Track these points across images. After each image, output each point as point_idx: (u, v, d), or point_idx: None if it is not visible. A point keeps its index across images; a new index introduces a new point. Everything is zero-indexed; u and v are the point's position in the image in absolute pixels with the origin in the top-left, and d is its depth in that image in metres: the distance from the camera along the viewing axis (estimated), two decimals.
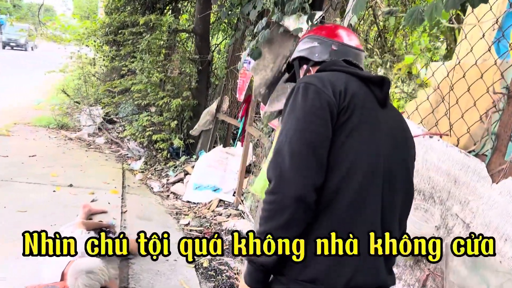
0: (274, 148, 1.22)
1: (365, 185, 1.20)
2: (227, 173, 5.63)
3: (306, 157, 1.15)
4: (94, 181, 5.50)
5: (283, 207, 1.13)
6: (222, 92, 6.69)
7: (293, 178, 1.13)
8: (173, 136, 7.08)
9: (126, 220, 4.37)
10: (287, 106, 1.27)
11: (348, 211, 1.19)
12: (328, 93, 1.22)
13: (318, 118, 1.19)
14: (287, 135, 1.19)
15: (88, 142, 8.21)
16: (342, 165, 1.19)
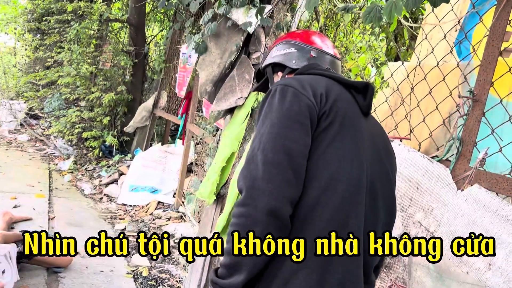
0: (246, 156, 1.09)
1: (347, 200, 1.07)
2: (166, 173, 5.34)
3: (281, 166, 1.02)
4: (16, 184, 4.96)
5: (254, 221, 0.99)
6: (160, 86, 6.35)
7: (266, 189, 1.00)
8: (105, 133, 6.62)
9: (55, 228, 3.96)
10: (262, 109, 1.15)
11: (327, 228, 1.05)
12: (308, 95, 1.11)
13: (296, 124, 1.07)
14: (260, 141, 1.07)
15: (9, 140, 7.46)
16: (322, 176, 1.07)
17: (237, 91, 2.62)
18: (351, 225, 1.07)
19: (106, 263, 3.50)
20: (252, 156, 1.06)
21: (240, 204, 1.02)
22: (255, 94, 2.62)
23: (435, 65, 1.72)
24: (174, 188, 5.16)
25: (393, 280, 1.68)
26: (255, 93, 2.62)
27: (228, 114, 2.87)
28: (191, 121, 4.76)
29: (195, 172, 5.15)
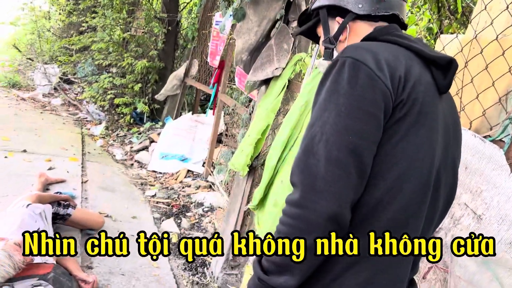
0: (303, 142, 0.94)
1: (413, 201, 0.96)
2: (195, 142, 5.36)
3: (347, 167, 0.89)
4: (50, 147, 5.08)
5: (312, 226, 0.89)
6: (191, 55, 6.30)
7: (328, 192, 0.88)
8: (136, 100, 6.67)
9: (87, 191, 4.05)
10: (325, 84, 0.96)
11: (385, 229, 0.96)
12: (384, 80, 0.91)
13: (368, 116, 0.90)
14: (323, 131, 0.91)
15: (43, 103, 7.63)
16: (388, 175, 0.94)
17: (275, 61, 2.54)
18: (410, 226, 0.98)
19: (137, 228, 3.58)
20: (312, 147, 0.91)
21: (296, 205, 0.91)
22: (293, 65, 2.54)
23: (493, 39, 1.60)
24: (203, 157, 5.19)
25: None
26: (293, 63, 2.54)
27: (263, 85, 2.81)
28: (222, 91, 4.72)
29: (224, 143, 5.15)
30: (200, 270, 3.16)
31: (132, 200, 4.16)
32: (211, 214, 4.10)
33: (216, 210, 4.17)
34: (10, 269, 2.03)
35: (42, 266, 2.30)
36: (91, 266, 2.81)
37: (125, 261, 2.99)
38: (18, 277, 2.13)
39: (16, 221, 2.48)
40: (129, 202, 4.08)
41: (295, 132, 2.22)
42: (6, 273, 2.02)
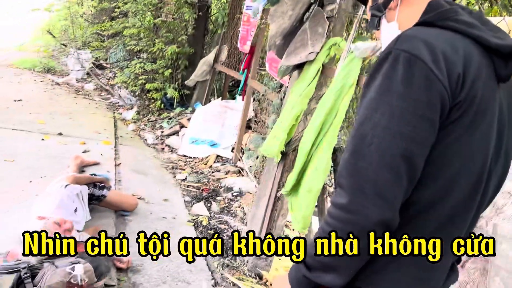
0: (351, 143, 0.91)
1: (462, 200, 0.94)
2: (225, 128, 5.39)
3: (399, 174, 0.86)
4: (84, 130, 5.22)
5: (361, 231, 0.88)
6: (221, 40, 6.30)
7: (380, 197, 0.86)
8: (167, 85, 6.75)
9: (121, 174, 4.15)
10: (375, 78, 0.90)
11: (432, 230, 0.95)
12: (442, 79, 0.85)
13: (423, 121, 0.85)
14: (375, 133, 0.87)
15: (77, 88, 7.83)
16: (440, 175, 0.91)
17: (309, 45, 2.51)
18: (456, 223, 0.97)
19: (169, 211, 3.65)
20: (362, 149, 0.88)
21: (345, 209, 0.88)
22: (327, 49, 2.50)
23: None
24: (232, 143, 5.22)
25: None
26: (327, 48, 2.50)
27: (296, 70, 2.78)
28: (252, 76, 4.71)
29: (253, 129, 5.15)
30: (230, 253, 3.20)
31: (164, 184, 4.24)
32: (240, 198, 4.13)
33: (245, 195, 4.20)
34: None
35: (80, 245, 2.39)
36: None
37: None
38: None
39: (55, 200, 2.57)
40: (161, 185, 4.16)
41: (329, 118, 2.20)
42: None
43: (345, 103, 2.14)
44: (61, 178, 2.97)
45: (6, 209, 2.93)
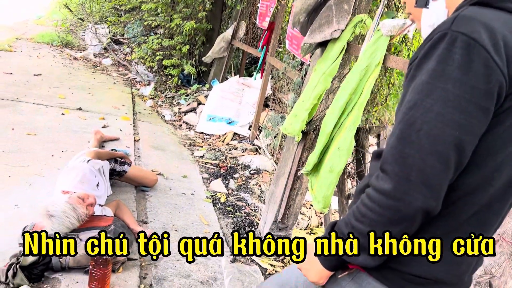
0: (398, 127, 0.88)
1: (502, 191, 0.93)
2: (242, 105, 5.37)
3: (448, 160, 0.84)
4: (103, 105, 5.25)
5: (402, 218, 0.88)
6: (239, 17, 6.21)
7: (426, 185, 0.84)
8: (184, 62, 6.72)
9: (140, 149, 4.19)
10: (428, 60, 0.86)
11: (469, 220, 0.94)
12: (502, 67, 0.81)
13: (479, 110, 0.82)
14: (425, 119, 0.84)
15: (94, 63, 7.84)
16: (485, 165, 0.89)
17: (334, 23, 2.45)
18: (493, 212, 0.96)
19: (188, 187, 3.69)
20: (410, 135, 0.85)
21: (387, 194, 0.87)
22: (352, 27, 2.44)
23: None
24: (249, 121, 5.21)
25: (500, 235, 1.58)
26: (352, 25, 2.44)
27: (319, 48, 2.73)
28: (271, 54, 4.65)
29: (271, 107, 5.13)
30: (248, 230, 3.24)
31: (182, 160, 4.27)
32: (257, 176, 4.15)
33: (263, 173, 4.21)
34: (75, 221, 2.16)
35: (103, 219, 2.43)
36: (146, 221, 2.94)
37: (178, 218, 3.11)
38: (82, 228, 2.26)
39: (78, 175, 2.61)
40: (179, 162, 4.19)
41: (354, 97, 2.16)
42: (71, 224, 2.15)
43: (370, 82, 2.10)
44: (82, 153, 3.01)
45: (29, 183, 2.99)
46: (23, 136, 3.76)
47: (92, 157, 2.92)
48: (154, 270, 2.44)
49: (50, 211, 2.11)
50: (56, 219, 2.10)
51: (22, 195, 2.83)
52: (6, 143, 3.54)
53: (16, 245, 2.25)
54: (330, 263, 1.03)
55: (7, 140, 3.62)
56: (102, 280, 2.10)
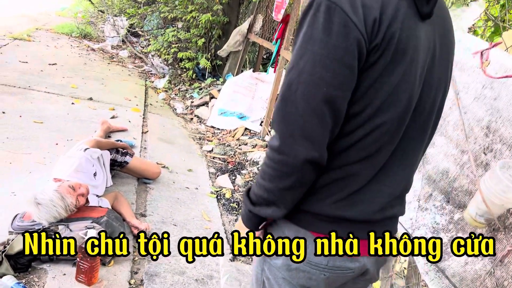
0: (281, 89, 0.96)
1: (388, 137, 1.02)
2: (255, 100, 5.25)
3: (323, 115, 0.92)
4: (115, 96, 5.21)
5: (292, 169, 0.97)
6: (256, 10, 6.09)
7: (306, 139, 0.94)
8: (199, 55, 6.64)
9: (147, 141, 4.12)
10: (302, 26, 0.94)
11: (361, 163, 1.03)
12: (359, 26, 0.89)
13: (343, 66, 0.90)
14: (300, 80, 0.92)
15: (111, 54, 7.84)
16: (364, 115, 0.98)
17: None
18: (383, 155, 1.05)
19: (192, 181, 3.59)
20: (289, 95, 0.94)
21: (277, 151, 0.97)
22: None
23: None
24: (261, 116, 5.08)
25: None
26: None
27: None
28: (285, 47, 4.51)
29: None
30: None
31: (189, 154, 4.18)
32: None
33: None
34: (62, 210, 2.08)
35: (97, 210, 2.35)
36: (144, 214, 2.86)
37: (178, 212, 3.01)
38: (73, 217, 2.18)
39: (74, 164, 2.54)
40: (186, 155, 4.10)
41: None
42: (58, 214, 2.07)
43: None
44: (83, 141, 2.94)
45: (29, 170, 2.93)
46: (29, 124, 3.72)
47: (91, 146, 2.84)
48: (147, 265, 2.35)
49: (38, 199, 2.04)
50: (43, 207, 2.03)
51: (21, 182, 2.78)
52: (12, 130, 3.51)
53: (6, 233, 2.19)
54: (251, 222, 1.12)
55: (13, 127, 3.59)
56: (89, 272, 2.02)
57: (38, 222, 2.08)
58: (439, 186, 1.74)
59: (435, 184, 1.77)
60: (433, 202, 1.77)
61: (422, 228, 1.78)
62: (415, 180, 1.85)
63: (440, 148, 1.74)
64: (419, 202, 1.81)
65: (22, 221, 2.16)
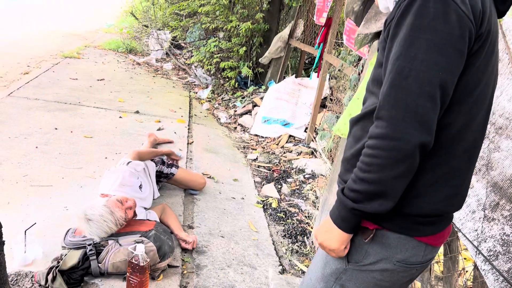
0: (388, 77, 0.98)
1: (481, 127, 1.11)
2: (298, 106, 5.16)
3: (435, 100, 0.96)
4: (160, 108, 5.30)
5: (405, 155, 0.97)
6: (297, 15, 6.02)
7: (420, 123, 0.95)
8: (241, 64, 6.65)
9: (192, 152, 4.13)
10: (406, 18, 0.96)
11: (461, 154, 1.09)
12: (469, 16, 0.95)
13: (456, 52, 0.95)
14: (412, 66, 0.94)
15: (156, 67, 8.03)
16: (465, 103, 1.03)
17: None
18: (478, 147, 1.13)
19: (238, 191, 3.55)
20: (400, 81, 0.96)
21: (389, 137, 0.97)
22: None
23: None
24: (306, 122, 4.99)
25: None
26: None
27: (376, 39, 2.47)
28: (328, 51, 4.40)
29: (328, 107, 4.86)
30: (300, 239, 3.03)
31: (234, 163, 4.15)
32: (312, 181, 3.92)
33: (318, 177, 3.97)
34: (112, 225, 2.09)
35: (145, 223, 2.35)
36: (192, 226, 2.84)
37: (225, 223, 2.98)
38: (122, 232, 2.19)
39: (118, 179, 2.56)
40: (231, 165, 4.08)
41: None
42: (109, 228, 2.08)
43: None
44: (126, 155, 2.98)
45: (81, 185, 3.01)
46: (80, 139, 3.84)
47: (132, 159, 2.87)
48: (196, 279, 2.31)
49: (88, 215, 2.06)
50: (94, 223, 2.04)
51: (72, 197, 2.85)
52: (64, 146, 3.63)
53: (59, 248, 2.23)
54: (348, 224, 1.10)
55: (65, 142, 3.71)
56: (139, 287, 2.01)
57: (89, 237, 2.10)
58: (507, 193, 1.59)
59: (502, 192, 1.61)
60: (501, 211, 1.61)
61: (490, 240, 1.62)
62: (478, 188, 1.70)
63: (507, 152, 1.59)
64: (484, 211, 1.66)
65: (73, 236, 2.20)
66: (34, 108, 4.44)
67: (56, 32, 10.03)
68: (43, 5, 12.50)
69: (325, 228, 1.15)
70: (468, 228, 1.69)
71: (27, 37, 8.57)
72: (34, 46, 8.03)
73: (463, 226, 1.71)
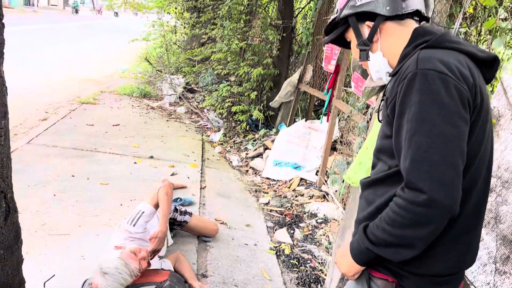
0: (408, 154, 1.05)
1: (483, 188, 1.19)
2: (309, 149, 5.24)
3: (458, 167, 1.03)
4: (174, 153, 5.41)
5: (434, 220, 1.04)
6: (306, 60, 6.20)
7: (450, 193, 1.02)
8: (252, 107, 6.81)
9: (205, 197, 4.19)
10: (410, 96, 1.06)
11: (470, 213, 1.18)
12: (466, 88, 1.06)
13: (464, 122, 1.05)
14: (432, 140, 1.02)
15: (169, 111, 8.22)
16: (471, 168, 1.12)
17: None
18: (484, 205, 1.23)
19: (251, 237, 3.58)
20: (420, 156, 1.03)
21: (423, 204, 1.03)
22: None
23: None
24: (317, 165, 5.04)
25: None
26: None
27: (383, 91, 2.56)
28: (337, 96, 4.52)
29: (339, 151, 4.93)
30: (313, 287, 3.02)
31: (247, 207, 4.19)
32: (325, 226, 3.93)
33: (331, 222, 3.98)
34: (127, 277, 2.13)
35: (160, 273, 2.39)
36: (205, 274, 2.86)
37: (239, 271, 2.99)
38: (137, 283, 2.23)
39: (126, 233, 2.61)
40: (244, 209, 4.12)
41: None
42: (124, 281, 2.12)
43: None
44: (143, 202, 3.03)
45: (97, 233, 3.07)
46: (96, 186, 3.94)
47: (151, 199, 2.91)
48: None
49: (103, 268, 2.10)
50: (110, 276, 2.09)
51: (89, 245, 2.90)
52: (81, 193, 3.72)
53: None
54: (361, 258, 1.19)
55: (82, 189, 3.80)
56: None
57: None
58: None
59: None
60: None
61: None
62: (488, 241, 1.73)
63: None
64: (495, 264, 1.67)
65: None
66: (52, 155, 4.58)
67: (73, 78, 10.38)
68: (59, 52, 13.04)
69: (343, 252, 1.27)
70: (481, 281, 1.71)
71: (44, 84, 8.90)
72: (51, 92, 8.32)
73: (475, 279, 1.73)
